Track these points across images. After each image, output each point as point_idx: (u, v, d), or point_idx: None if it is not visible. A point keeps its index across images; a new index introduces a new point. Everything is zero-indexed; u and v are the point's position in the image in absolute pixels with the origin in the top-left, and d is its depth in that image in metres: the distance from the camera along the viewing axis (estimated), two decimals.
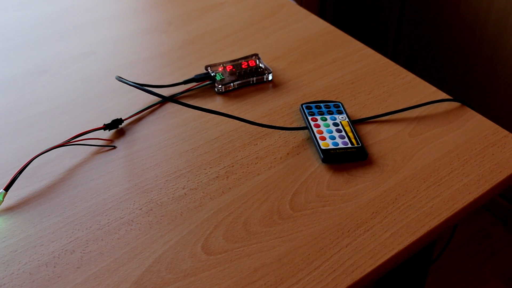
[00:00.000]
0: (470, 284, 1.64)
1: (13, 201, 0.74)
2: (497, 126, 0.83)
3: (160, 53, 0.96)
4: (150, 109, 0.86)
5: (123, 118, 0.83)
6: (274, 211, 0.72)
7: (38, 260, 0.67)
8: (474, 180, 0.76)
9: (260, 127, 0.81)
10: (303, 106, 0.83)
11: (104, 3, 1.08)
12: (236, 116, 0.80)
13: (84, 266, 0.67)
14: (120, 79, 0.84)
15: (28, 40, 1.00)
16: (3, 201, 0.73)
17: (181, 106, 0.84)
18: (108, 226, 0.71)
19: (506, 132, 0.82)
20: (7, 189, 0.74)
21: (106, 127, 0.82)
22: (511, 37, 1.54)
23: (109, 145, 0.81)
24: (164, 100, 0.85)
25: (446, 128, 0.82)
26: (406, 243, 0.69)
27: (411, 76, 0.91)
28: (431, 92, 0.88)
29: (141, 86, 0.83)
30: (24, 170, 0.76)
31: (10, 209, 0.73)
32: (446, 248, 0.95)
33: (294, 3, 1.07)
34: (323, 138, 0.79)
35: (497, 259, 1.70)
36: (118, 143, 0.81)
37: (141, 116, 0.85)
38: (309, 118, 0.82)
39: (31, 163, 0.77)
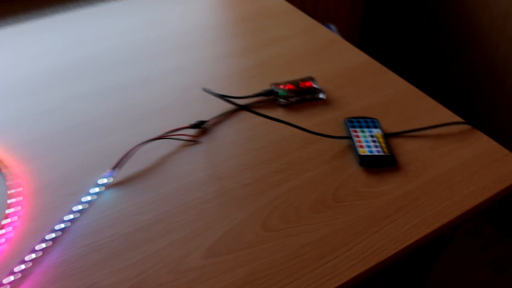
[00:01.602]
0: (465, 271, 1.61)
1: (119, 178, 0.75)
2: (500, 146, 0.81)
3: (236, 72, 0.96)
4: (227, 115, 0.85)
5: (206, 120, 0.83)
6: (319, 201, 0.71)
7: (135, 226, 0.68)
8: (479, 188, 0.73)
9: (312, 134, 0.80)
10: (347, 120, 0.82)
11: (196, 31, 1.09)
12: (294, 124, 0.79)
13: (169, 233, 0.67)
14: (206, 90, 0.84)
15: (137, 56, 1.01)
16: (112, 177, 0.74)
17: (251, 113, 0.84)
18: (189, 203, 0.71)
19: (507, 151, 0.79)
20: (115, 168, 0.75)
21: (193, 126, 0.82)
22: None
23: (194, 141, 0.80)
24: (239, 108, 0.85)
25: (459, 145, 0.80)
26: (422, 234, 0.67)
27: (433, 102, 0.89)
28: (448, 115, 0.86)
29: (222, 96, 0.82)
30: (129, 155, 0.76)
31: (117, 184, 0.74)
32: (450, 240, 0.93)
33: (342, 39, 1.05)
34: (361, 146, 0.77)
35: (487, 251, 1.67)
36: (201, 140, 0.81)
37: (220, 119, 0.85)
38: (351, 130, 0.80)
39: (135, 150, 0.77)
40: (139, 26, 1.11)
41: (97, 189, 0.72)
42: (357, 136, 0.79)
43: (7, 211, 0.70)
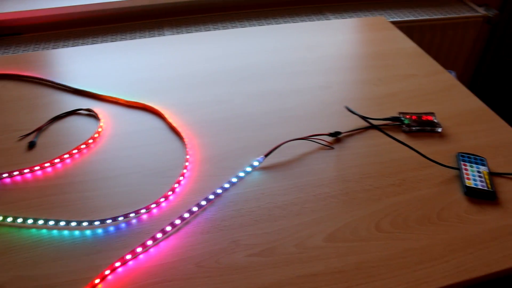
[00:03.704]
0: None
1: (267, 164, 0.77)
2: None
3: (370, 97, 0.95)
4: (359, 130, 0.85)
5: (341, 131, 0.83)
6: (425, 216, 0.69)
7: (275, 203, 0.70)
8: None
9: (427, 160, 0.77)
10: (459, 154, 0.79)
11: (340, 58, 1.09)
12: (415, 148, 0.77)
13: (301, 215, 0.68)
14: (348, 108, 0.84)
15: (293, 70, 1.04)
16: (262, 162, 0.76)
17: (379, 133, 0.83)
18: (319, 195, 0.71)
19: None
20: (266, 155, 0.77)
21: (330, 134, 0.82)
22: None
23: (330, 146, 0.81)
24: (371, 127, 0.84)
25: None
26: (509, 266, 0.63)
27: None
28: None
29: (360, 115, 0.82)
30: (278, 148, 0.78)
31: (264, 168, 0.76)
32: None
33: (462, 85, 1.01)
34: (468, 178, 0.74)
35: None
36: (335, 146, 0.81)
37: (352, 133, 0.84)
38: (461, 163, 0.77)
39: (283, 144, 0.79)
40: (297, 47, 1.13)
41: (249, 169, 0.75)
42: (466, 169, 0.76)
43: (183, 171, 0.74)
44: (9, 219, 0.67)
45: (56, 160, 0.78)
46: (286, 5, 1.55)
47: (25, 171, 0.75)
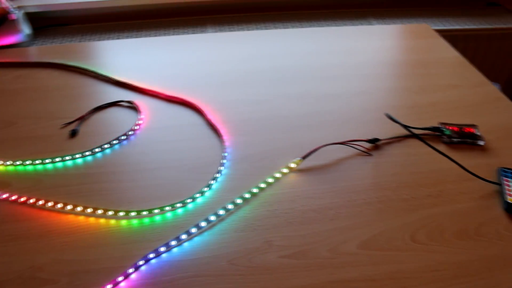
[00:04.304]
0: None
1: (303, 166, 0.77)
2: None
3: (410, 106, 0.93)
4: (398, 139, 0.84)
5: (380, 139, 0.82)
6: (463, 230, 0.67)
7: (309, 206, 0.69)
8: None
9: (467, 173, 0.75)
10: (501, 169, 0.77)
11: (381, 65, 1.08)
12: (455, 160, 0.76)
13: (335, 220, 0.67)
14: (388, 115, 0.83)
15: (334, 74, 1.03)
16: (299, 165, 0.76)
17: (418, 142, 0.81)
18: (355, 202, 0.71)
19: None
20: (304, 158, 0.76)
21: (368, 141, 0.81)
22: None
23: (368, 153, 0.80)
24: (411, 136, 0.82)
25: None
26: None
27: None
28: None
29: (402, 124, 0.81)
30: (315, 151, 0.78)
31: (301, 171, 0.76)
32: None
33: (507, 98, 0.98)
34: (510, 195, 0.72)
35: None
36: (373, 153, 0.80)
37: (391, 141, 0.83)
38: (503, 178, 0.75)
39: (320, 148, 0.78)
40: (337, 51, 1.13)
41: (286, 170, 0.75)
42: (508, 185, 0.74)
43: (220, 168, 0.75)
44: (50, 204, 0.69)
45: (96, 149, 0.79)
46: (329, 8, 1.54)
47: (67, 158, 0.77)
